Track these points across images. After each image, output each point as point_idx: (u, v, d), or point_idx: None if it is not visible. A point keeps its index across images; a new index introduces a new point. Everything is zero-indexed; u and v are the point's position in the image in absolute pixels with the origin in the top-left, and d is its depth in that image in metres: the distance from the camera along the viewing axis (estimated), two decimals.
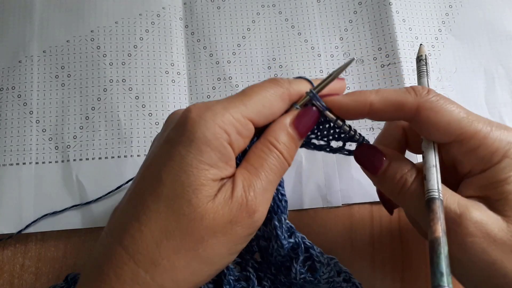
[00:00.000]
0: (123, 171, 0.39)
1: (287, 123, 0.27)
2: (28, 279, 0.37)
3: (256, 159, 0.26)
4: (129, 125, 0.41)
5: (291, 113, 0.27)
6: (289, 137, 0.27)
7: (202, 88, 0.42)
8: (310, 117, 0.27)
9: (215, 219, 0.24)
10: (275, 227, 0.28)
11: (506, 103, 0.42)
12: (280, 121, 0.27)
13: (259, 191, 0.25)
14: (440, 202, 0.25)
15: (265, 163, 0.26)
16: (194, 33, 0.44)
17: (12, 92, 0.41)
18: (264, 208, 0.26)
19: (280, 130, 0.27)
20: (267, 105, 0.26)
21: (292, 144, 0.27)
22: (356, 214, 0.38)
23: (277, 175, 0.26)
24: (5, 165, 0.39)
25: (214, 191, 0.24)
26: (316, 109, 0.27)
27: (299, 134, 0.27)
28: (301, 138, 0.28)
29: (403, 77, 0.41)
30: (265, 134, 0.27)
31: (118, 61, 0.42)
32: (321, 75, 0.43)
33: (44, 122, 0.41)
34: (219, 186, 0.25)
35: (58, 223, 0.37)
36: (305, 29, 0.44)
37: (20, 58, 0.42)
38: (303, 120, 0.27)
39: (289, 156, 0.27)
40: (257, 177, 0.25)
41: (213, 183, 0.24)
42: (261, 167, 0.26)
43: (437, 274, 0.23)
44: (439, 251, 0.23)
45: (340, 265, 0.33)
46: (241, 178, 0.25)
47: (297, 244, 0.30)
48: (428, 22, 0.44)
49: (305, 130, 0.27)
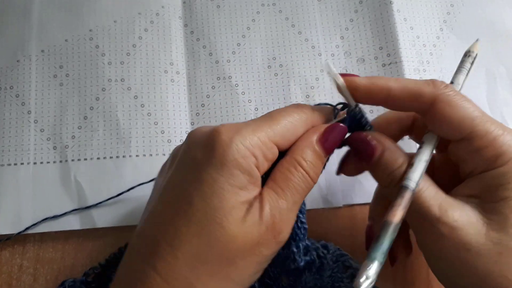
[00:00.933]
0: (121, 171, 0.39)
1: (313, 140, 0.27)
2: (26, 280, 0.36)
3: (282, 178, 0.26)
4: (128, 124, 0.40)
5: (317, 129, 0.27)
6: (316, 155, 0.27)
7: (202, 87, 0.42)
8: (337, 133, 0.28)
9: (245, 241, 0.24)
10: (293, 253, 0.29)
11: (508, 103, 0.42)
12: (306, 138, 0.27)
13: (285, 212, 0.25)
14: (412, 194, 0.26)
15: (291, 183, 0.26)
16: (193, 32, 0.44)
17: (10, 92, 0.41)
18: (288, 228, 0.26)
19: (307, 148, 0.27)
20: (292, 130, 0.27)
21: (318, 161, 0.27)
22: (357, 214, 0.38)
23: (302, 195, 0.27)
24: (3, 165, 0.39)
25: (244, 212, 0.24)
26: (342, 121, 0.28)
27: (326, 150, 0.27)
28: (327, 154, 0.27)
29: (404, 77, 0.41)
30: (292, 152, 0.27)
31: (117, 60, 0.42)
32: (321, 74, 0.42)
33: (42, 122, 0.40)
34: (247, 206, 0.25)
35: (56, 224, 0.37)
36: (306, 28, 0.44)
37: (18, 58, 0.42)
38: (330, 136, 0.27)
39: (315, 175, 0.27)
40: (283, 198, 0.25)
41: (242, 205, 0.24)
42: (287, 188, 0.26)
43: (378, 251, 0.24)
44: (390, 236, 0.24)
45: (351, 261, 0.34)
46: (268, 199, 0.25)
47: (312, 260, 0.31)
48: (430, 21, 0.44)
49: (332, 146, 0.27)
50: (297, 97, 0.42)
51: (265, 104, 0.41)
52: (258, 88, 0.42)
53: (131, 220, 0.37)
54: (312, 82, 0.42)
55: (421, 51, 0.43)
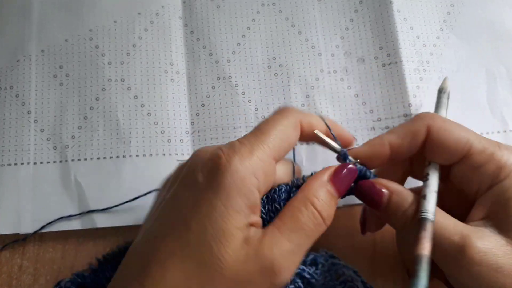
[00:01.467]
0: (121, 171, 0.39)
1: (325, 179, 0.26)
2: (26, 280, 0.36)
3: (290, 217, 0.25)
4: (128, 124, 0.40)
5: (328, 169, 0.27)
6: (329, 195, 0.26)
7: (202, 87, 0.42)
8: (348, 172, 0.27)
9: (237, 274, 0.23)
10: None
11: (508, 103, 0.42)
12: (318, 177, 0.27)
13: (286, 253, 0.24)
14: (432, 224, 0.26)
15: (299, 223, 0.25)
16: (193, 32, 0.44)
17: (10, 92, 0.41)
18: (288, 272, 0.24)
19: (320, 186, 0.26)
20: (285, 138, 0.26)
21: (331, 201, 0.26)
22: (357, 215, 0.38)
23: (310, 238, 0.25)
24: (3, 165, 0.39)
25: (239, 241, 0.23)
26: (350, 162, 0.28)
27: (338, 190, 0.26)
28: (339, 195, 0.27)
29: (404, 77, 0.41)
30: (302, 190, 0.26)
31: (117, 60, 0.42)
32: (322, 74, 0.42)
33: (42, 122, 0.40)
34: (244, 235, 0.24)
35: (56, 224, 0.37)
36: (306, 28, 0.44)
37: (18, 57, 0.42)
38: (342, 175, 0.27)
39: (327, 216, 0.26)
40: (287, 239, 0.24)
41: (238, 232, 0.23)
42: (294, 227, 0.25)
43: (419, 286, 0.23)
44: (426, 268, 0.24)
45: (344, 270, 0.33)
46: (270, 235, 0.24)
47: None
48: (430, 21, 0.44)
49: (344, 185, 0.27)
50: (297, 97, 0.42)
51: (265, 104, 0.41)
52: (258, 88, 0.42)
53: (131, 220, 0.37)
54: (312, 82, 0.42)
55: (421, 51, 0.43)
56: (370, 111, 0.41)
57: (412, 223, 0.27)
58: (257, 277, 0.23)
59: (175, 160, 0.40)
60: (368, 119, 0.41)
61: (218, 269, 0.23)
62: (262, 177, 0.25)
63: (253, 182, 0.24)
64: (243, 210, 0.24)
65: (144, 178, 0.38)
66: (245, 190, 0.24)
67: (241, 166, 0.24)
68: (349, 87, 0.42)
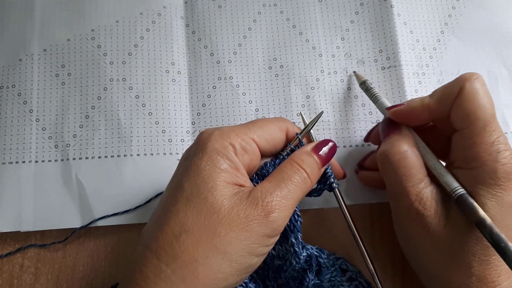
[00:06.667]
0: (122, 170, 0.39)
1: (308, 149, 0.31)
2: (27, 279, 0.37)
3: (278, 172, 0.29)
4: (129, 124, 0.40)
5: (311, 143, 0.32)
6: (313, 160, 0.30)
7: (203, 87, 0.42)
8: (329, 147, 0.31)
9: (230, 213, 0.26)
10: (293, 244, 0.31)
11: (509, 105, 0.42)
12: (302, 148, 0.31)
13: (278, 197, 0.28)
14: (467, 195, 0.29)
15: (287, 176, 0.29)
16: (195, 32, 0.44)
17: (12, 91, 0.41)
18: (282, 212, 0.27)
19: (304, 154, 0.30)
20: (268, 132, 0.31)
21: (315, 166, 0.30)
22: (357, 214, 0.38)
23: (298, 188, 0.29)
24: (5, 163, 0.39)
25: (230, 191, 0.27)
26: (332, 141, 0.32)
27: (321, 160, 0.31)
28: (322, 165, 0.31)
29: (403, 80, 0.41)
30: (290, 156, 0.30)
31: (119, 60, 0.42)
32: (322, 75, 0.42)
33: (44, 121, 0.40)
34: (236, 189, 0.28)
35: (57, 222, 0.37)
36: (307, 28, 0.44)
37: (21, 57, 0.42)
38: (323, 148, 0.31)
39: (312, 175, 0.30)
40: (276, 186, 0.28)
41: (228, 185, 0.27)
42: (282, 179, 0.29)
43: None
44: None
45: (347, 264, 0.36)
46: (260, 186, 0.28)
47: (310, 256, 0.32)
48: (430, 25, 0.44)
49: (326, 157, 0.31)
50: (297, 97, 0.42)
51: (265, 105, 0.42)
52: (259, 89, 0.42)
53: (132, 219, 0.38)
54: (313, 83, 0.42)
55: (421, 55, 0.43)
56: (369, 113, 0.41)
57: None
58: (254, 215, 0.27)
59: (176, 159, 0.40)
60: (367, 120, 0.41)
61: (213, 211, 0.26)
62: (238, 146, 0.29)
63: (230, 148, 0.28)
64: (228, 170, 0.28)
65: (145, 177, 0.39)
66: (225, 153, 0.28)
67: (219, 137, 0.29)
68: (349, 88, 0.42)
